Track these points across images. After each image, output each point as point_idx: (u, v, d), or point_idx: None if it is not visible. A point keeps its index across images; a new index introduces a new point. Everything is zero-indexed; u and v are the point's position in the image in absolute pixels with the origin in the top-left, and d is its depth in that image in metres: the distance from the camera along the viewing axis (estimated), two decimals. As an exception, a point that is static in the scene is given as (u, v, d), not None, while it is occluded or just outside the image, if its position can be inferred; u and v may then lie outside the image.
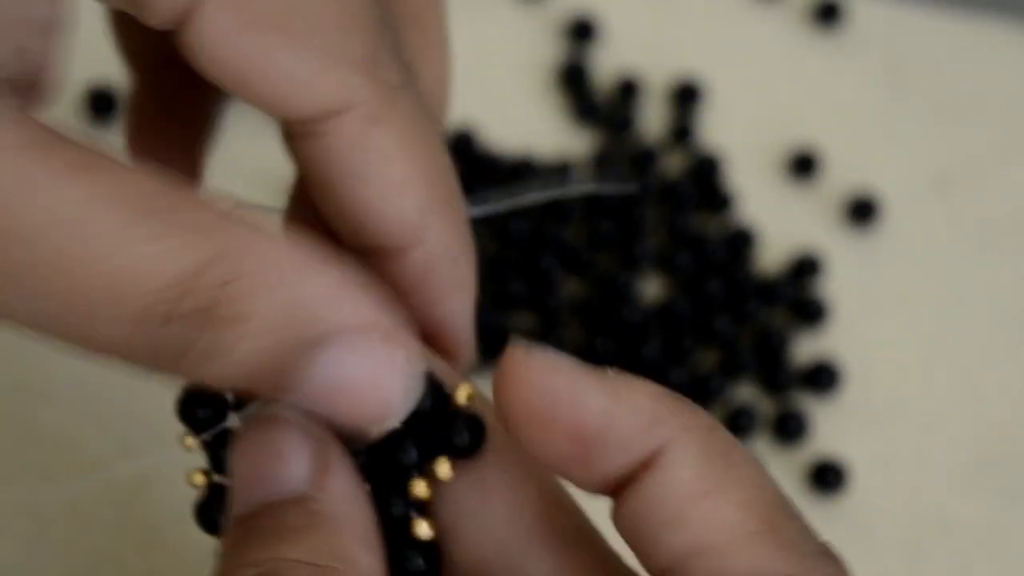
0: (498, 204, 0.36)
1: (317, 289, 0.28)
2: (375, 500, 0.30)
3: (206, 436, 0.30)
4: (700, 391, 0.48)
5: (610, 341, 0.49)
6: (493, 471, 0.30)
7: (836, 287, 0.51)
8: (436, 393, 0.30)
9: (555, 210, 0.51)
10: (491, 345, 0.49)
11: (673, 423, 0.28)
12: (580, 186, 0.50)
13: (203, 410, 0.30)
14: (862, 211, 0.52)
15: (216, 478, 0.30)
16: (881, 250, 0.53)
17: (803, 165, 0.53)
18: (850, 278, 0.52)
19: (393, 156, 0.30)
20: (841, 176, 0.53)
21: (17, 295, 0.27)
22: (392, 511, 0.30)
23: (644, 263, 0.50)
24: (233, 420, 0.30)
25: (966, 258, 0.53)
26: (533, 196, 0.39)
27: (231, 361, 0.28)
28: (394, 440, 0.30)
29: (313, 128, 0.30)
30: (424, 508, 0.30)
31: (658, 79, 0.55)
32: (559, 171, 0.51)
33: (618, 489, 0.29)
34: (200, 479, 0.30)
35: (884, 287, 0.52)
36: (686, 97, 0.54)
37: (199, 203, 0.28)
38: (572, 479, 0.29)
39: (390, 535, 0.29)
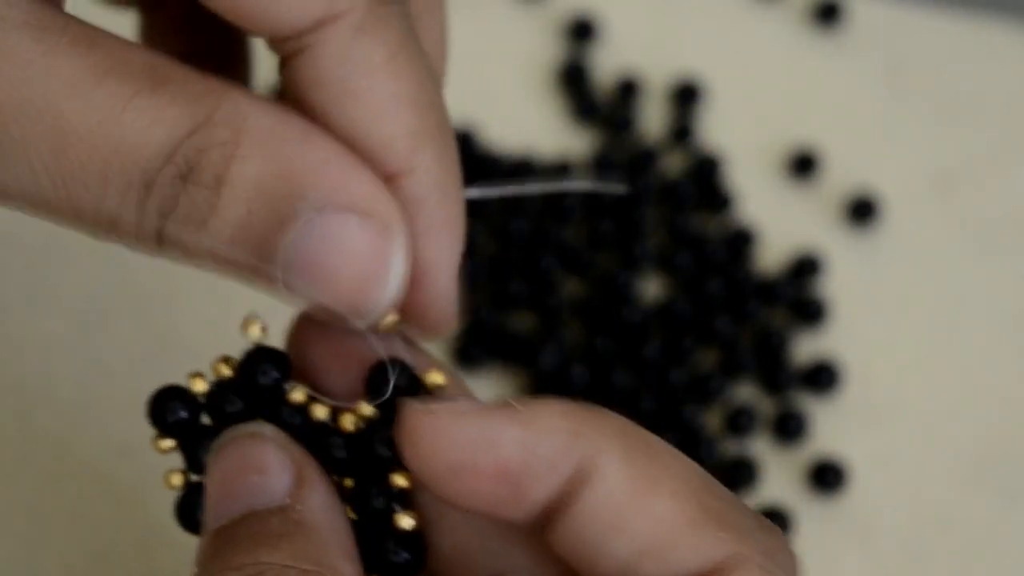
0: (490, 190, 0.35)
1: (308, 161, 0.28)
2: (356, 495, 0.30)
3: (175, 432, 0.30)
4: (700, 391, 0.48)
5: (610, 341, 0.49)
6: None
7: (836, 287, 0.51)
8: (408, 379, 0.30)
9: (555, 210, 0.51)
10: (491, 344, 0.49)
11: (591, 434, 0.28)
12: (573, 183, 0.50)
13: (174, 410, 0.30)
14: (862, 211, 0.52)
15: (194, 477, 0.30)
16: (881, 250, 0.53)
17: (803, 165, 0.53)
18: (850, 278, 0.52)
19: (381, 69, 0.29)
20: (841, 176, 0.53)
21: (15, 174, 0.28)
22: (373, 504, 0.29)
23: (644, 263, 0.50)
24: (205, 418, 0.30)
25: (966, 258, 0.53)
26: (527, 188, 0.38)
27: (210, 228, 0.28)
28: (369, 432, 0.30)
29: (301, 44, 0.29)
30: (406, 499, 0.30)
31: (658, 79, 0.55)
32: (559, 171, 0.51)
33: (551, 514, 0.28)
34: (178, 480, 0.30)
35: (884, 287, 0.52)
36: (686, 97, 0.54)
37: (198, 75, 0.28)
38: (508, 518, 0.29)
39: (373, 528, 0.29)
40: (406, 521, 0.29)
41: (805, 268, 0.51)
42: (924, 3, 0.57)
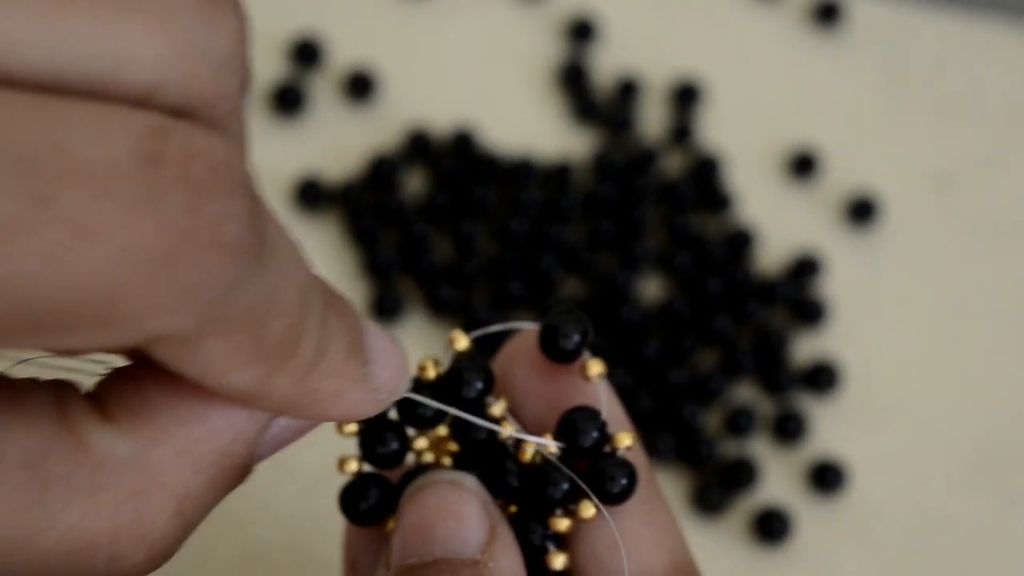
0: None
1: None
2: (514, 523, 0.30)
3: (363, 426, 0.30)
4: (700, 391, 0.48)
5: (610, 341, 0.49)
6: (633, 523, 0.31)
7: (836, 287, 0.51)
8: (600, 433, 0.30)
9: (555, 210, 0.51)
10: (491, 344, 0.49)
11: None
12: None
13: None
14: (862, 211, 0.52)
15: (367, 468, 0.31)
16: (881, 250, 0.53)
17: (803, 165, 0.53)
18: (850, 278, 0.52)
19: None
20: (841, 176, 0.53)
21: None
22: (531, 538, 0.30)
23: (644, 263, 0.50)
24: (392, 413, 0.30)
25: (966, 258, 0.53)
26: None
27: None
28: (546, 471, 0.30)
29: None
30: (561, 540, 0.30)
31: (658, 79, 0.55)
32: (559, 171, 0.51)
33: None
34: (352, 467, 0.30)
35: (884, 287, 0.52)
36: (686, 97, 0.54)
37: None
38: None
39: (526, 561, 0.30)
40: (559, 561, 0.30)
41: (805, 268, 0.51)
42: (924, 3, 0.57)
